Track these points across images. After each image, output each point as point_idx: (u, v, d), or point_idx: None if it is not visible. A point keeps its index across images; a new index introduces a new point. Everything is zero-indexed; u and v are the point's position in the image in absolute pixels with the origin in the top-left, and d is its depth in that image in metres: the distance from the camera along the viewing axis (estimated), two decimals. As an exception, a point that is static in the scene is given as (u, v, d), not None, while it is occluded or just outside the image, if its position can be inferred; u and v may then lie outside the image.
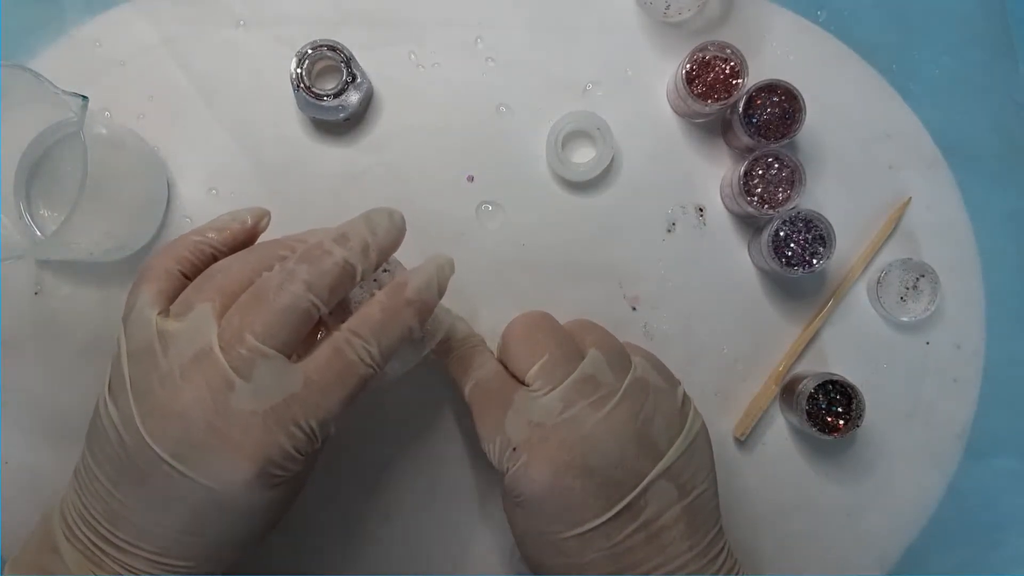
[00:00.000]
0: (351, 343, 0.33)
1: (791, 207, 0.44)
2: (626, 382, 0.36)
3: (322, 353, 0.33)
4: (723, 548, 0.36)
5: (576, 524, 0.34)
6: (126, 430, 0.32)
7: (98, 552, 0.33)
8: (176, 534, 0.32)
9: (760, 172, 0.44)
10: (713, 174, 0.47)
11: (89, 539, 0.33)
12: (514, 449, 0.35)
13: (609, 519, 0.34)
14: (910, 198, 0.47)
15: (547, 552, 0.35)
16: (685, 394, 0.38)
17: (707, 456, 0.37)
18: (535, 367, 0.36)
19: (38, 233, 0.44)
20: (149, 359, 0.32)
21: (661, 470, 0.34)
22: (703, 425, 0.37)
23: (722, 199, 0.47)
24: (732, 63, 0.44)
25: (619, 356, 0.37)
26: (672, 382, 0.38)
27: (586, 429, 0.34)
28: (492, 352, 0.40)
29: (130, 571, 0.32)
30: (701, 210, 0.47)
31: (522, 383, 0.37)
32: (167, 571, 0.33)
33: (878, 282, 0.46)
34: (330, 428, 0.33)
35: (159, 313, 0.34)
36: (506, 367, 0.39)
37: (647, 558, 0.34)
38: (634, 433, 0.35)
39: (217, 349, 0.32)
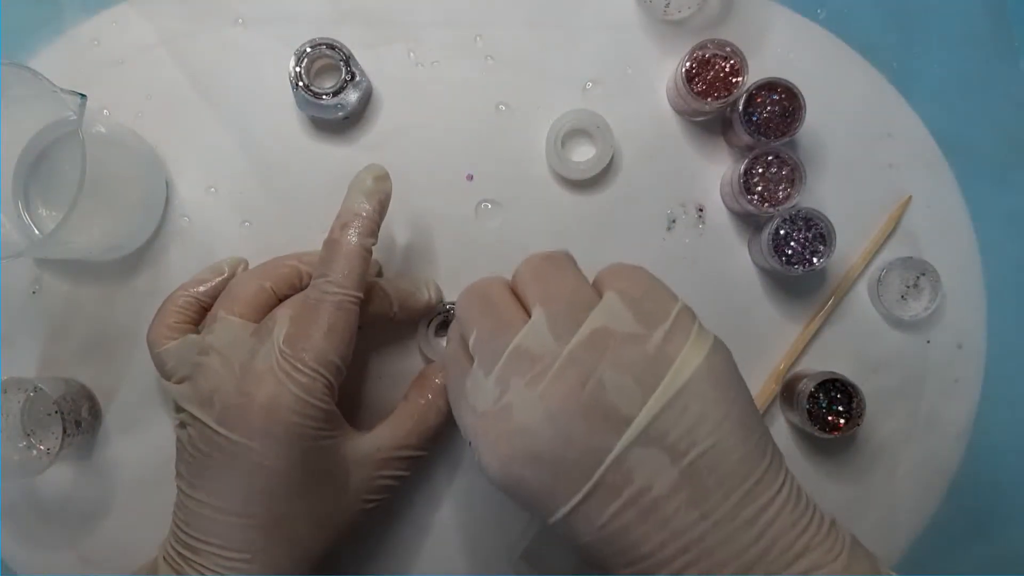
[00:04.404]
0: (313, 285, 0.38)
1: (791, 205, 0.44)
2: (570, 344, 0.30)
3: (296, 303, 0.38)
4: (768, 504, 0.29)
5: (549, 512, 0.30)
6: (193, 428, 0.37)
7: (180, 560, 0.36)
8: (234, 519, 0.36)
9: (760, 170, 0.44)
10: (713, 172, 0.47)
11: (176, 551, 0.37)
12: (470, 443, 0.32)
13: (578, 503, 0.29)
14: (910, 196, 0.47)
15: (556, 532, 0.32)
16: (676, 327, 0.30)
17: (712, 402, 0.29)
18: (470, 347, 0.33)
19: (36, 232, 0.44)
20: (197, 369, 0.38)
21: (631, 439, 0.29)
22: (705, 363, 0.30)
23: (722, 197, 0.47)
24: (732, 61, 0.44)
25: (568, 310, 0.31)
26: (652, 320, 0.30)
27: (521, 415, 0.30)
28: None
29: (200, 571, 0.35)
30: (701, 209, 0.47)
31: None
32: (229, 570, 0.35)
33: (878, 281, 0.46)
34: (333, 367, 0.37)
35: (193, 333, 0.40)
36: None
37: (649, 535, 0.29)
38: (579, 407, 0.29)
39: (245, 334, 0.38)
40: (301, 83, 0.44)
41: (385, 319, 0.42)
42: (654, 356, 0.30)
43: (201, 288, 0.42)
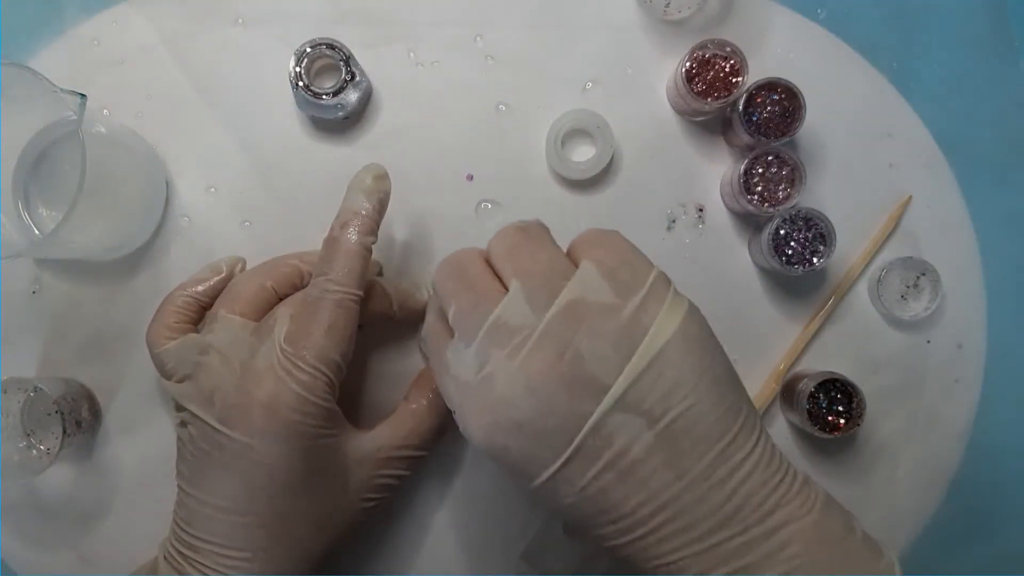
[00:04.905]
0: (314, 284, 0.38)
1: (791, 205, 0.44)
2: (547, 316, 0.31)
3: (297, 301, 0.38)
4: (740, 463, 0.30)
5: (532, 477, 0.31)
6: (193, 427, 0.37)
7: (181, 559, 0.36)
8: (235, 517, 0.36)
9: (760, 170, 0.44)
10: (713, 172, 0.47)
11: (177, 550, 0.37)
12: (454, 412, 0.33)
13: (560, 467, 0.30)
14: (910, 196, 0.47)
15: (534, 499, 0.33)
16: (650, 295, 0.31)
17: (687, 367, 0.30)
18: (450, 321, 0.33)
19: (36, 232, 0.44)
20: (198, 368, 0.38)
21: (608, 406, 0.29)
22: (679, 330, 0.30)
23: (722, 197, 0.47)
24: (732, 61, 0.44)
25: (544, 282, 0.32)
26: (628, 289, 0.31)
27: (502, 386, 0.30)
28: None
29: (201, 571, 0.35)
30: (701, 209, 0.47)
31: None
32: (231, 569, 0.36)
33: (879, 281, 0.46)
34: (334, 365, 0.37)
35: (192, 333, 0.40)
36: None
37: (628, 496, 0.30)
38: (559, 377, 0.30)
39: (246, 333, 0.38)
40: (301, 83, 0.44)
41: (385, 318, 0.42)
42: (629, 325, 0.30)
43: (200, 288, 0.42)
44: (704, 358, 0.31)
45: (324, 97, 0.44)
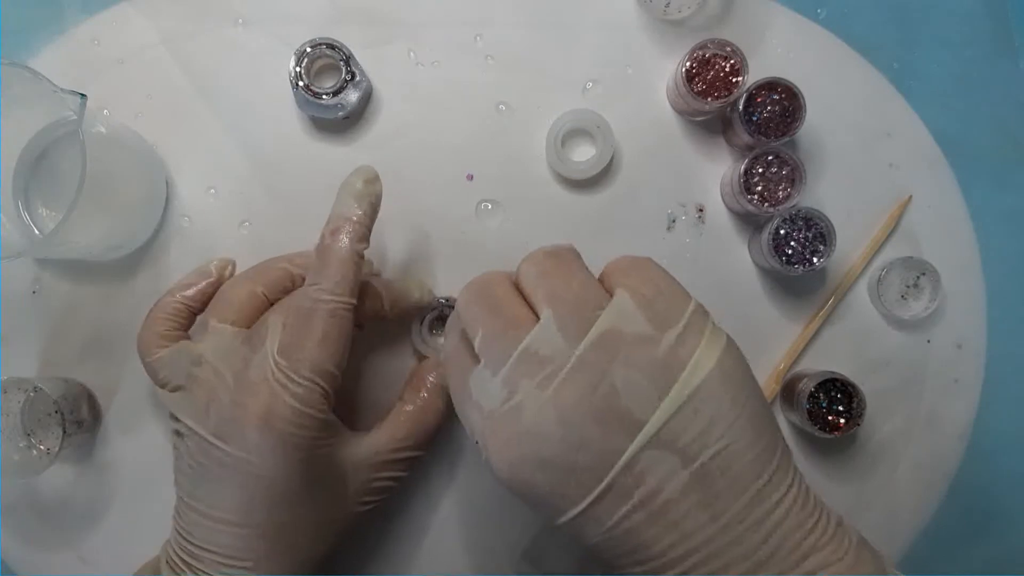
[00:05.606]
0: (304, 292, 0.37)
1: (791, 205, 0.44)
2: (581, 346, 0.29)
3: (288, 310, 0.38)
4: (776, 505, 0.29)
5: (558, 513, 0.30)
6: (190, 439, 0.37)
7: (183, 565, 0.36)
8: (236, 528, 0.36)
9: (760, 170, 0.44)
10: (713, 172, 0.47)
11: (179, 556, 0.37)
12: (476, 442, 0.32)
13: (588, 505, 0.29)
14: (911, 196, 0.47)
15: (563, 532, 0.32)
16: (689, 329, 0.30)
17: (725, 404, 0.29)
18: (476, 346, 0.32)
19: (36, 232, 0.44)
20: (191, 380, 0.38)
21: (643, 442, 0.28)
22: (717, 366, 0.29)
23: (722, 197, 0.47)
24: (732, 61, 0.44)
25: (577, 311, 0.30)
26: (665, 321, 0.30)
27: (531, 417, 0.29)
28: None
29: None
30: (701, 208, 0.47)
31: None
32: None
33: (879, 280, 0.46)
34: (329, 376, 0.36)
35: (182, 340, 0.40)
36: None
37: (659, 536, 0.29)
38: (592, 410, 0.29)
39: (237, 343, 0.38)
40: (301, 83, 0.44)
41: (377, 318, 0.42)
42: (666, 358, 0.29)
43: (189, 292, 0.41)
44: (741, 395, 0.30)
45: (324, 97, 0.44)
